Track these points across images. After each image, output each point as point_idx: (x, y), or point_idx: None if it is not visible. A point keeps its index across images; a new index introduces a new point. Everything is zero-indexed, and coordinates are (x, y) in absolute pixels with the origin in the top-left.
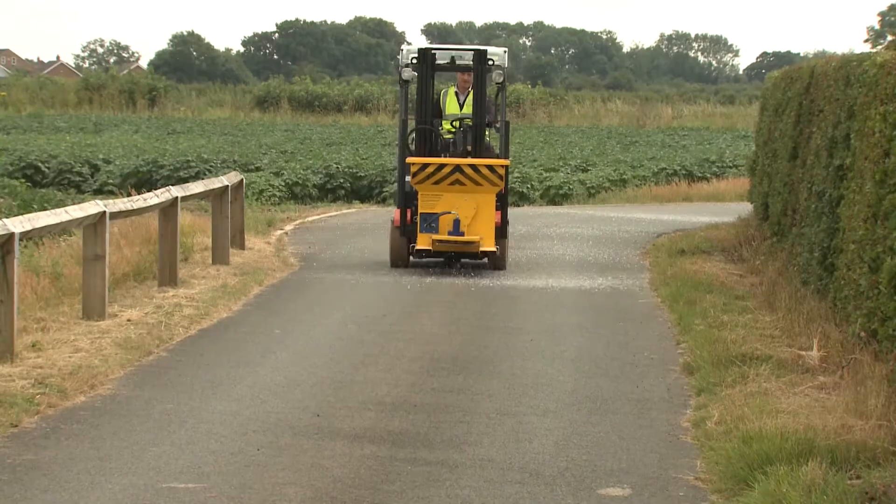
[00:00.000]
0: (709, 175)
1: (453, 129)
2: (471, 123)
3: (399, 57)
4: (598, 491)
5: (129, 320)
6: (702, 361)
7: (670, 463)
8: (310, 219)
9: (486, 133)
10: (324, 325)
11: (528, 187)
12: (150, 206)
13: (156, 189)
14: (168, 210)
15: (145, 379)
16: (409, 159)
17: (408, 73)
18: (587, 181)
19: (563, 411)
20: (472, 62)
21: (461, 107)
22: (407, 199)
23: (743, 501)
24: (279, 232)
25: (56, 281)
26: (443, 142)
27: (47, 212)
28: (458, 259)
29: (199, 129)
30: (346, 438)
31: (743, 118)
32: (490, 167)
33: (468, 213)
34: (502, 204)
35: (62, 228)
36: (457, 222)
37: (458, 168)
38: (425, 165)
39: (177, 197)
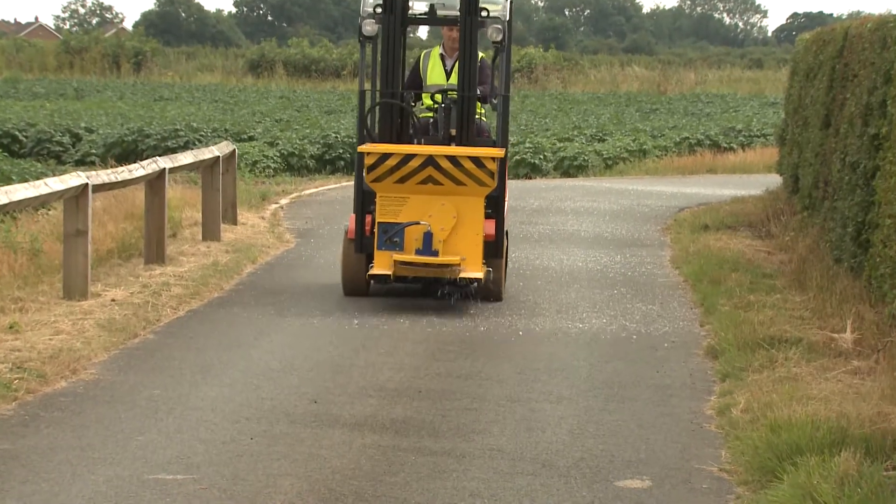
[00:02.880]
0: (735, 145)
1: (435, 106)
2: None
3: (361, 5)
4: (616, 483)
5: (113, 300)
6: (727, 344)
7: (693, 453)
8: (307, 192)
9: (481, 111)
10: (323, 306)
11: (540, 158)
12: (136, 178)
13: (142, 160)
14: (155, 182)
15: (131, 363)
16: (363, 147)
17: (370, 27)
18: (604, 152)
19: (579, 398)
20: (458, 13)
21: (448, 75)
22: (366, 202)
23: (771, 494)
24: (274, 206)
25: (35, 258)
26: (419, 123)
27: (25, 184)
28: (439, 284)
29: (188, 96)
30: (346, 426)
31: (771, 84)
32: (476, 160)
33: (445, 223)
34: (496, 210)
35: (41, 202)
36: (428, 237)
37: (430, 160)
38: (385, 156)
39: (164, 168)
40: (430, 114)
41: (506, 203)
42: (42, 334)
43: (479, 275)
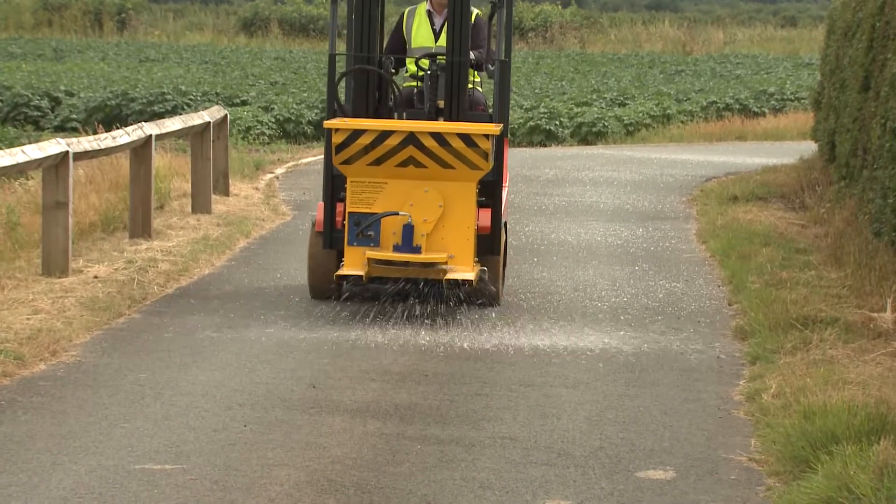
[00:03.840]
0: (766, 110)
1: (421, 73)
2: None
3: None
4: (637, 474)
5: (96, 277)
6: (757, 325)
7: (720, 442)
8: (304, 160)
9: (474, 80)
10: None
11: (556, 125)
12: (120, 145)
13: (126, 126)
14: (141, 150)
15: (115, 344)
16: (330, 122)
17: None
18: (625, 117)
19: (597, 382)
20: None
21: (436, 36)
22: (336, 188)
23: (804, 486)
24: (269, 176)
25: (11, 232)
26: (401, 94)
27: (0, 152)
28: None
29: (175, 57)
30: (347, 413)
31: (806, 43)
32: (466, 138)
33: (429, 213)
34: (492, 197)
35: (18, 171)
36: (409, 230)
37: (411, 138)
38: (356, 133)
39: (151, 135)
40: (415, 83)
41: (504, 188)
42: (19, 314)
43: (470, 276)
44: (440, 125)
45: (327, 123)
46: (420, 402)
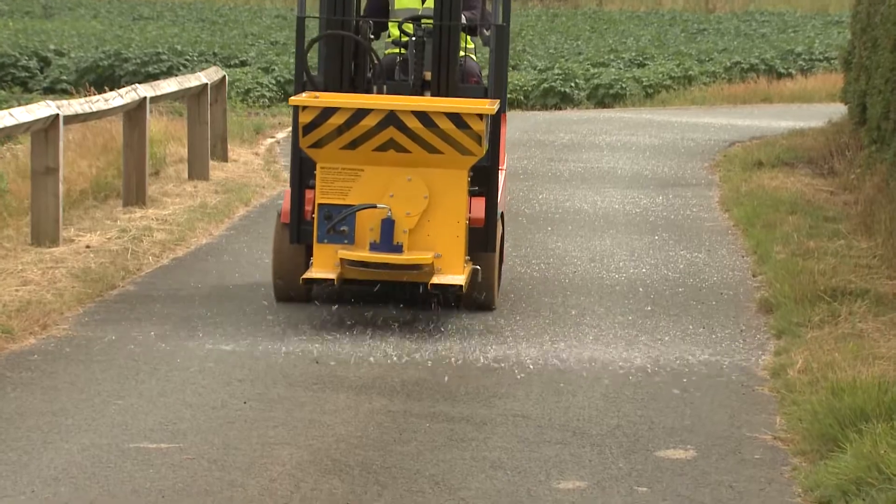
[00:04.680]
0: (793, 70)
1: (405, 39)
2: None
3: None
4: (656, 453)
5: (88, 247)
6: (783, 297)
7: (743, 419)
8: None
9: (467, 47)
10: None
11: (571, 86)
12: (113, 108)
13: (119, 87)
14: (134, 114)
15: (108, 317)
16: (296, 99)
17: None
18: (644, 79)
19: (614, 357)
20: None
21: None
22: (306, 173)
23: (832, 465)
24: (269, 140)
25: None
26: (383, 62)
27: None
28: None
29: (171, 15)
30: (351, 389)
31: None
32: (456, 118)
33: (413, 205)
34: (487, 184)
35: (6, 135)
36: (388, 225)
37: (392, 117)
38: (327, 111)
39: (145, 98)
40: (398, 50)
41: (501, 172)
42: (8, 285)
43: (460, 279)
44: (425, 103)
45: (293, 100)
46: (428, 378)
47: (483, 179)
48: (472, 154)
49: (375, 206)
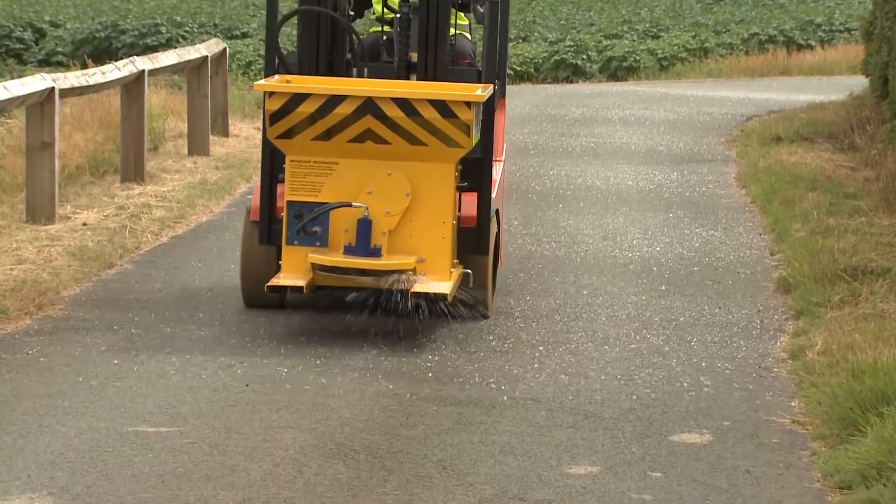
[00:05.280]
0: (813, 42)
1: (390, 15)
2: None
3: None
4: (671, 437)
5: (84, 224)
6: (802, 276)
7: (761, 403)
8: None
9: (457, 24)
10: None
11: (583, 59)
12: (110, 81)
13: (117, 60)
14: (132, 87)
15: (106, 297)
16: (262, 84)
17: None
18: (658, 51)
19: (627, 338)
20: None
21: None
22: (277, 165)
23: (852, 450)
24: None
25: None
26: (366, 42)
27: None
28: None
29: None
30: (357, 371)
31: None
32: (441, 105)
33: (393, 204)
34: (479, 178)
35: (0, 109)
36: (365, 226)
37: (370, 105)
38: (297, 97)
39: (143, 70)
40: (382, 28)
41: (498, 166)
42: (2, 264)
43: (445, 287)
44: (407, 88)
45: (258, 85)
46: (435, 360)
47: (475, 173)
48: (460, 146)
49: (351, 205)
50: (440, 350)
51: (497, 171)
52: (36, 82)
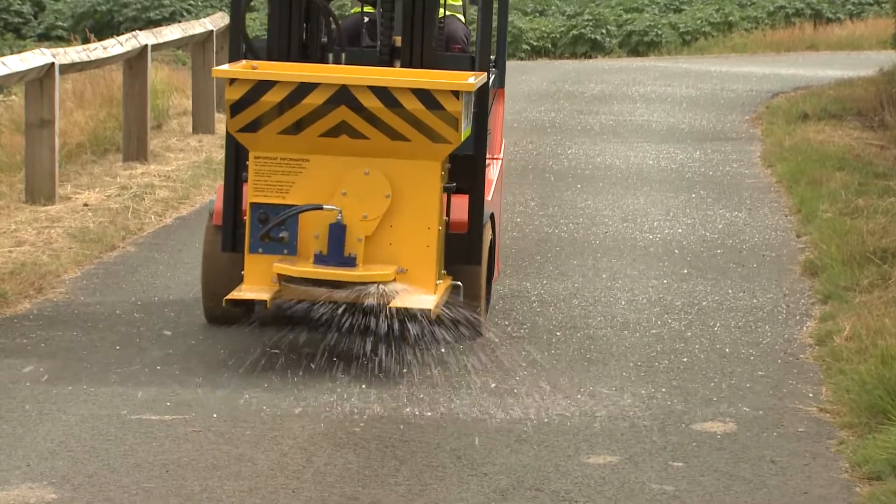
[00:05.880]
0: (841, 15)
1: None
2: None
3: None
4: (693, 426)
5: (85, 205)
6: (829, 259)
7: (786, 390)
8: None
9: (453, 3)
10: None
11: (602, 33)
12: (112, 56)
13: (119, 34)
14: (135, 62)
15: (107, 280)
16: (221, 70)
17: None
18: (681, 24)
19: (647, 324)
20: None
21: None
22: (243, 163)
23: (881, 439)
24: None
25: None
26: (346, 24)
27: None
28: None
29: None
30: (367, 359)
31: None
32: (426, 95)
33: (370, 207)
34: (472, 177)
35: None
36: (338, 232)
37: (344, 94)
38: (262, 85)
39: (146, 45)
40: (363, 8)
41: (495, 164)
42: (0, 245)
43: (430, 302)
44: (387, 76)
45: (217, 71)
46: (449, 344)
47: (467, 172)
48: (447, 142)
49: (322, 208)
50: (453, 334)
51: (493, 170)
52: (35, 58)
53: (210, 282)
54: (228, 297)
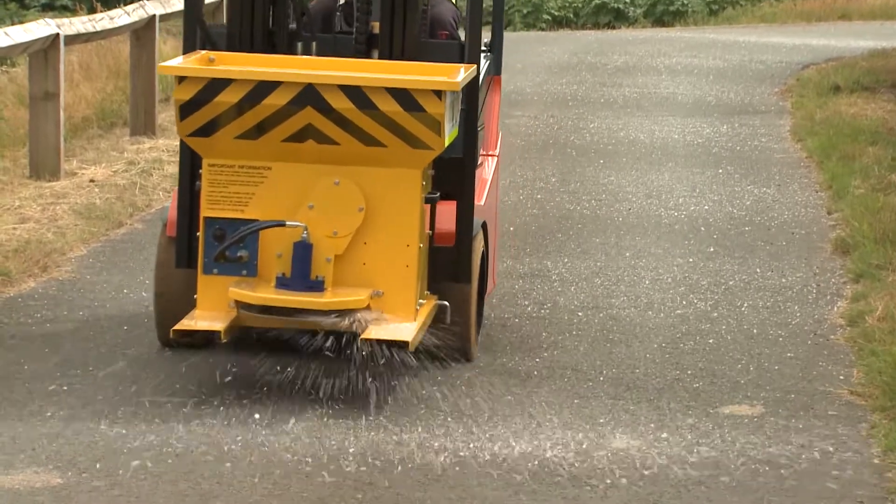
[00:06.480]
0: None
1: None
2: None
3: None
4: (721, 409)
5: (92, 181)
6: (861, 237)
7: (816, 372)
8: None
9: None
10: None
11: (626, 2)
12: (119, 27)
13: (125, 4)
14: (143, 33)
15: (114, 259)
16: (168, 66)
17: None
18: None
19: (672, 304)
20: None
21: None
22: (198, 170)
23: None
24: None
25: None
26: (315, 8)
27: None
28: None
29: None
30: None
31: None
32: (403, 96)
33: (341, 222)
34: (460, 182)
35: (1, 56)
36: (304, 251)
37: (309, 93)
38: (216, 84)
39: (154, 15)
40: None
41: (489, 163)
42: (4, 223)
43: (408, 333)
44: (360, 71)
45: (164, 67)
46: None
47: (454, 177)
48: (428, 147)
49: (285, 224)
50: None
51: (488, 170)
52: (39, 28)
53: (164, 302)
54: (176, 327)
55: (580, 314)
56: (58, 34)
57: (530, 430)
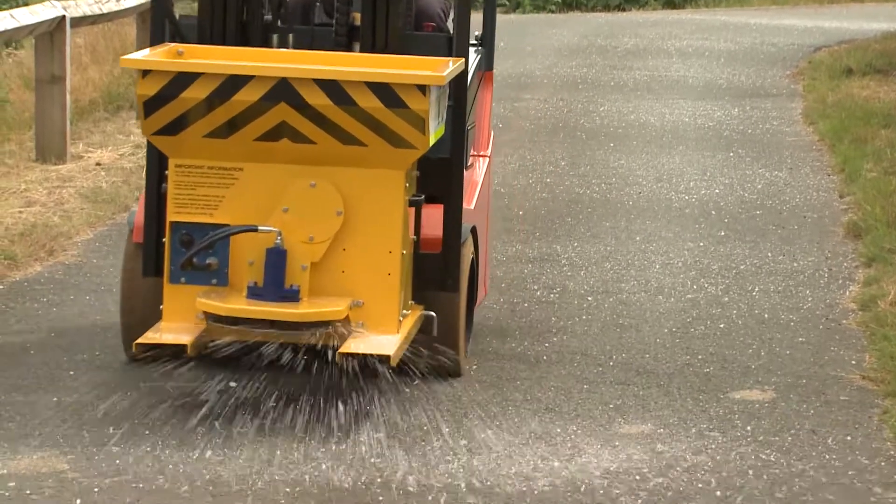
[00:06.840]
0: None
1: None
2: None
3: None
4: (731, 394)
5: (98, 164)
6: (874, 220)
7: (828, 357)
8: None
9: None
10: None
11: None
12: (126, 9)
13: None
14: (149, 15)
15: (121, 243)
16: (131, 59)
17: None
18: None
19: (683, 288)
20: None
21: None
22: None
23: None
24: None
25: (0, 110)
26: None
27: None
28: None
29: None
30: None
31: None
32: (383, 90)
33: (317, 227)
34: (446, 184)
35: (7, 39)
36: (278, 258)
37: (283, 88)
38: (183, 78)
39: None
40: None
41: (479, 165)
42: (10, 206)
43: (389, 346)
44: (338, 65)
45: (126, 60)
46: (476, 312)
47: (441, 178)
48: (412, 147)
49: (257, 229)
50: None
51: (478, 171)
52: (45, 10)
53: (130, 312)
54: (139, 340)
55: (590, 299)
56: (64, 16)
57: (538, 416)
